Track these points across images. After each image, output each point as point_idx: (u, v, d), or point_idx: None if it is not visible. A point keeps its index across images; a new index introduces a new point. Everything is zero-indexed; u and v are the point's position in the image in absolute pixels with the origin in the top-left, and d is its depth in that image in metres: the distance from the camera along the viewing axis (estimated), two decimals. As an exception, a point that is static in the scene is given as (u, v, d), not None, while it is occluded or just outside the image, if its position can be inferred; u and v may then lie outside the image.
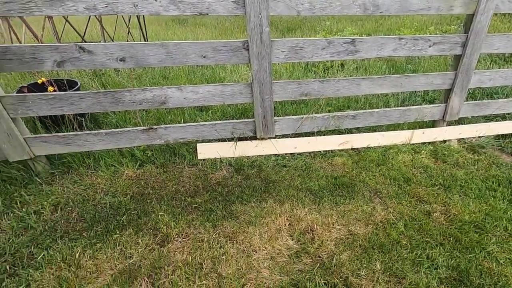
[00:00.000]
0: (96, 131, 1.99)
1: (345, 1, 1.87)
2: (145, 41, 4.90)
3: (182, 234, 1.66)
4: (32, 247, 1.56)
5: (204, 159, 2.28)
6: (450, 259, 1.56)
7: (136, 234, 1.65)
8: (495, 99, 3.11)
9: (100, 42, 5.96)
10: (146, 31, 4.95)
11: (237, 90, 2.04)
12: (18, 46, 1.63)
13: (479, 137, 2.73)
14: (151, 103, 1.96)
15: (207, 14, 1.73)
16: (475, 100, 3.24)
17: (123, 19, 6.04)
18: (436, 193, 2.06)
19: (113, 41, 5.13)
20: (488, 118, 2.95)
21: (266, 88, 2.04)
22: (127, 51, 1.75)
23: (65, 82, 2.76)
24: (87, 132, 1.98)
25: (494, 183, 2.16)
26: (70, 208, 1.82)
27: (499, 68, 3.94)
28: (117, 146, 2.08)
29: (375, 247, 1.63)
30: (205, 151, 2.26)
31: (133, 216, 1.77)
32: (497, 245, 1.65)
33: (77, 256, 1.50)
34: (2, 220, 1.73)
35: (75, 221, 1.74)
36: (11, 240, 1.60)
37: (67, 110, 1.87)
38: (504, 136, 2.77)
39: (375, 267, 1.51)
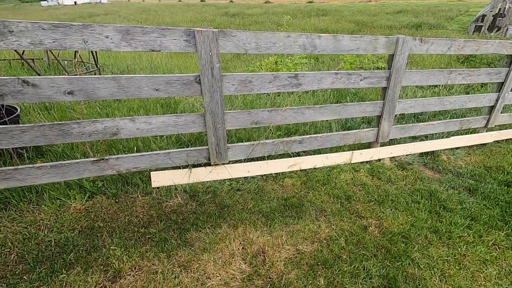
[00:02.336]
0: (39, 164, 1.90)
1: (288, 42, 2.10)
2: (96, 66, 4.72)
3: (135, 268, 1.66)
4: (-38, 298, 1.43)
5: (158, 187, 2.29)
6: (381, 269, 1.79)
7: (85, 272, 1.60)
8: (420, 121, 3.63)
9: (43, 59, 5.60)
10: (97, 59, 4.76)
11: (190, 121, 2.13)
12: (-50, 80, 1.53)
13: (406, 155, 3.16)
14: (102, 134, 1.95)
15: (159, 51, 1.82)
16: (402, 123, 3.73)
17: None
18: (372, 208, 2.34)
19: (57, 59, 4.86)
20: (414, 138, 3.43)
21: (219, 118, 2.16)
22: (76, 85, 1.75)
23: (2, 108, 2.58)
24: (30, 165, 1.88)
25: (418, 196, 2.52)
26: (8, 249, 1.70)
27: (418, 96, 4.60)
28: (64, 179, 2.00)
29: (319, 263, 1.80)
30: (159, 179, 2.28)
31: (81, 253, 1.72)
32: (419, 252, 1.94)
33: (17, 303, 1.42)
34: None
35: (14, 263, 1.63)
36: None
37: (7, 144, 1.77)
38: (426, 153, 3.24)
39: (319, 282, 1.67)
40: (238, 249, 1.86)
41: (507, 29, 9.37)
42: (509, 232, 2.16)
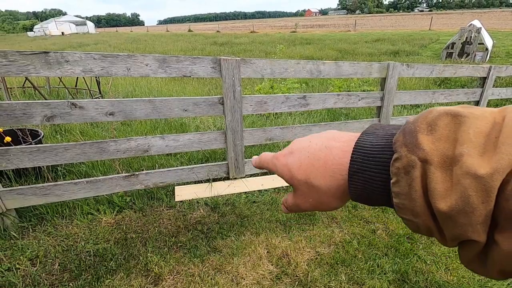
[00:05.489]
0: (77, 180, 2.05)
1: (297, 68, 2.42)
2: (99, 92, 4.93)
3: (173, 272, 1.79)
4: (16, 304, 1.51)
5: (181, 201, 2.45)
6: (394, 265, 1.99)
7: (128, 277, 1.72)
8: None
9: (45, 86, 5.75)
10: (100, 88, 5.01)
11: (213, 138, 2.35)
12: (9, 103, 1.71)
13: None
14: (135, 151, 2.14)
15: (190, 76, 2.08)
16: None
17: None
18: (377, 214, 2.57)
19: (65, 86, 5.04)
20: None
21: (238, 135, 2.40)
22: (117, 106, 1.96)
23: (27, 132, 2.72)
24: (68, 181, 2.03)
25: (416, 203, 2.78)
26: (51, 260, 1.80)
27: (407, 114, 5.04)
28: (98, 193, 2.14)
29: (338, 262, 1.98)
30: (183, 193, 2.44)
31: (120, 261, 1.83)
32: (423, 250, 2.16)
33: (71, 306, 1.52)
34: (-30, 281, 1.63)
35: (59, 272, 1.73)
36: (-13, 301, 1.52)
37: (50, 161, 1.92)
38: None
39: (341, 278, 1.85)
40: (264, 253, 2.02)
41: (475, 55, 10.36)
42: (499, 231, 2.43)
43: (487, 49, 10.28)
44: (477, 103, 3.62)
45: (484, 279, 1.92)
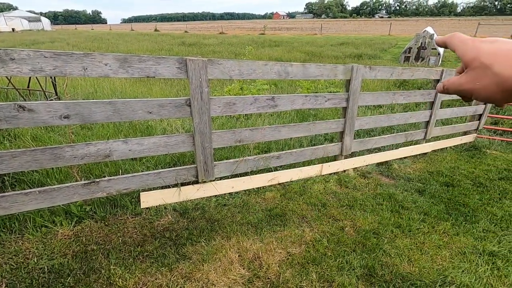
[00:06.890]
0: (28, 190, 1.86)
1: (265, 69, 2.42)
2: (55, 94, 4.58)
3: (139, 283, 1.69)
4: (-47, 334, 1.33)
5: (148, 208, 2.33)
6: (361, 260, 2.06)
7: (88, 293, 1.59)
8: (371, 136, 4.18)
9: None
10: (56, 90, 4.66)
11: (180, 140, 2.27)
12: None
13: (366, 165, 3.61)
14: (95, 157, 1.99)
15: (154, 77, 1.99)
16: (359, 138, 4.25)
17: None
18: (345, 212, 2.65)
19: (15, 88, 4.59)
20: (370, 150, 3.93)
21: (207, 138, 2.34)
22: (73, 109, 1.81)
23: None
24: (17, 192, 1.83)
25: (380, 199, 2.91)
26: (-3, 281, 1.61)
27: (371, 114, 5.28)
28: (53, 204, 1.96)
29: (309, 261, 2.01)
30: (149, 199, 2.33)
31: (79, 276, 1.69)
32: (388, 244, 2.26)
33: (21, 330, 1.36)
34: None
35: (6, 294, 1.55)
36: None
37: (-5, 171, 1.73)
38: (381, 163, 3.74)
39: (312, 277, 1.87)
40: (235, 257, 1.98)
41: (429, 59, 11.19)
42: (454, 222, 2.62)
43: (439, 54, 11.16)
44: (431, 103, 3.89)
45: (442, 267, 2.06)
